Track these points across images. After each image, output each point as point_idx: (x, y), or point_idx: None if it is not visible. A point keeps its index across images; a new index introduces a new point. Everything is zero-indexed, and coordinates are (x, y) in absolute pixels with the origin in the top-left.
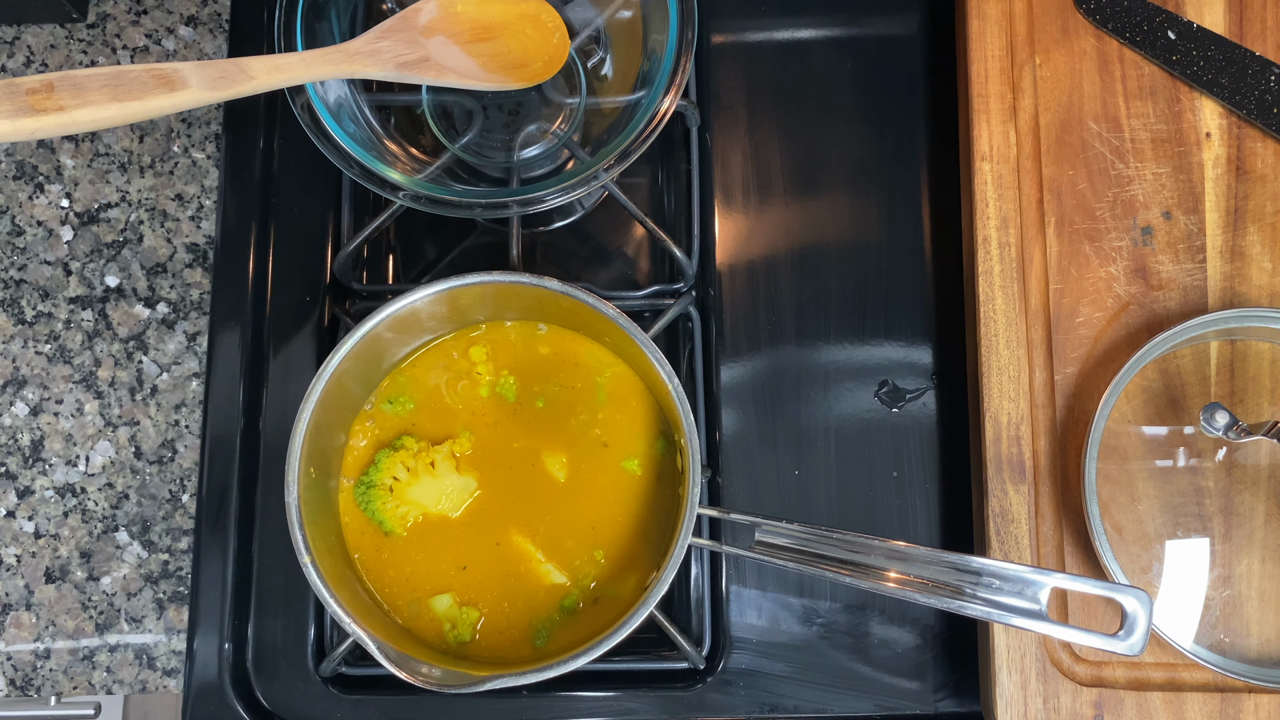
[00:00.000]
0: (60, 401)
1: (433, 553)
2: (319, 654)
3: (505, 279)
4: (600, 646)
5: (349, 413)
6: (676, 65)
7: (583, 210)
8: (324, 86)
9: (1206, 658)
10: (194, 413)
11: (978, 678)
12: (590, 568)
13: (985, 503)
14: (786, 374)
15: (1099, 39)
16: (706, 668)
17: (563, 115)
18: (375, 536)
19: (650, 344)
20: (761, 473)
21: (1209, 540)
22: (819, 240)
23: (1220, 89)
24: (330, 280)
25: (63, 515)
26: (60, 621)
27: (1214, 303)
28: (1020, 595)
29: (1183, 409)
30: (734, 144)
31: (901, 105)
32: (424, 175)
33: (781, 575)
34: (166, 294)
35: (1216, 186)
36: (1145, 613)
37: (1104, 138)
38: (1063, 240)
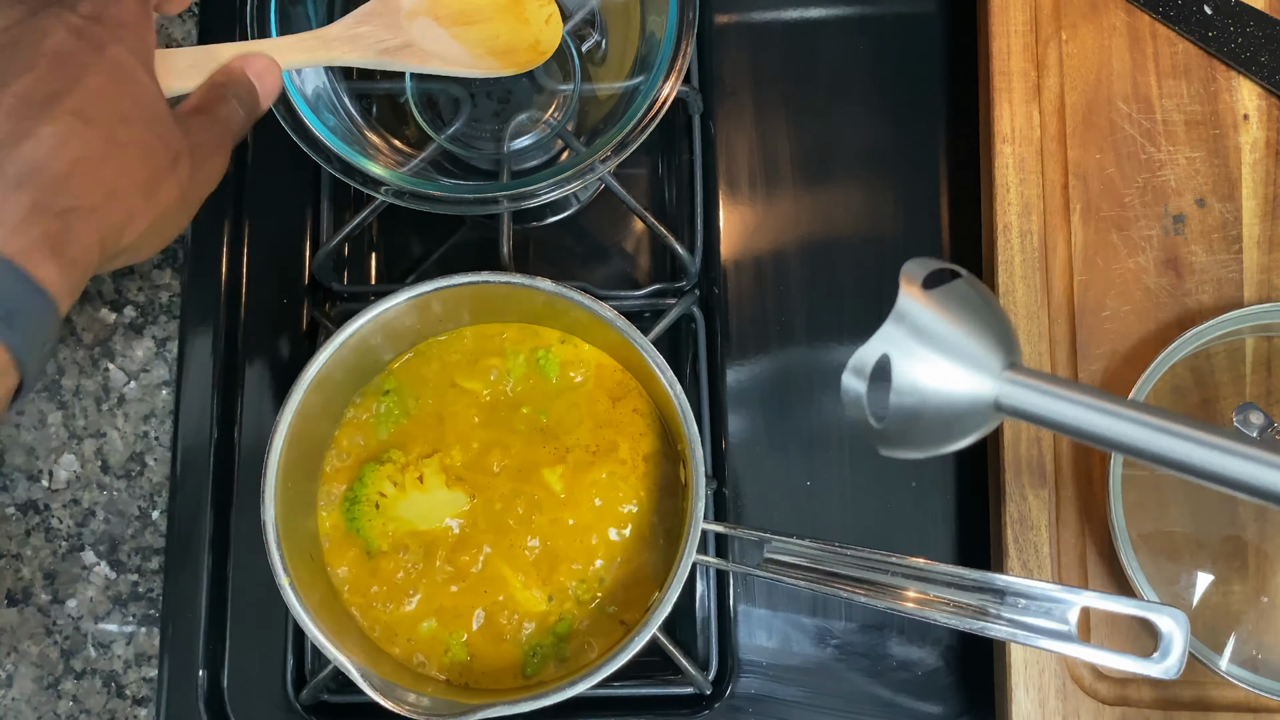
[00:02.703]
0: (21, 412)
1: (421, 572)
2: (300, 681)
3: (495, 279)
4: (600, 672)
5: (331, 423)
6: (677, 48)
7: (578, 204)
8: (301, 76)
9: (1240, 676)
10: (164, 423)
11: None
12: (589, 587)
13: (1003, 508)
14: (797, 377)
15: (1130, 13)
16: (714, 693)
17: (556, 103)
18: (359, 555)
19: (650, 348)
20: (770, 484)
21: (1243, 549)
22: (830, 233)
23: (1259, 68)
24: (309, 281)
25: (25, 534)
26: (23, 647)
27: (1250, 296)
28: (1048, 615)
29: (1215, 409)
30: (739, 132)
31: (918, 88)
32: (408, 169)
33: (793, 593)
34: (134, 297)
35: (1254, 172)
36: (1182, 633)
37: (1134, 119)
38: (1089, 228)
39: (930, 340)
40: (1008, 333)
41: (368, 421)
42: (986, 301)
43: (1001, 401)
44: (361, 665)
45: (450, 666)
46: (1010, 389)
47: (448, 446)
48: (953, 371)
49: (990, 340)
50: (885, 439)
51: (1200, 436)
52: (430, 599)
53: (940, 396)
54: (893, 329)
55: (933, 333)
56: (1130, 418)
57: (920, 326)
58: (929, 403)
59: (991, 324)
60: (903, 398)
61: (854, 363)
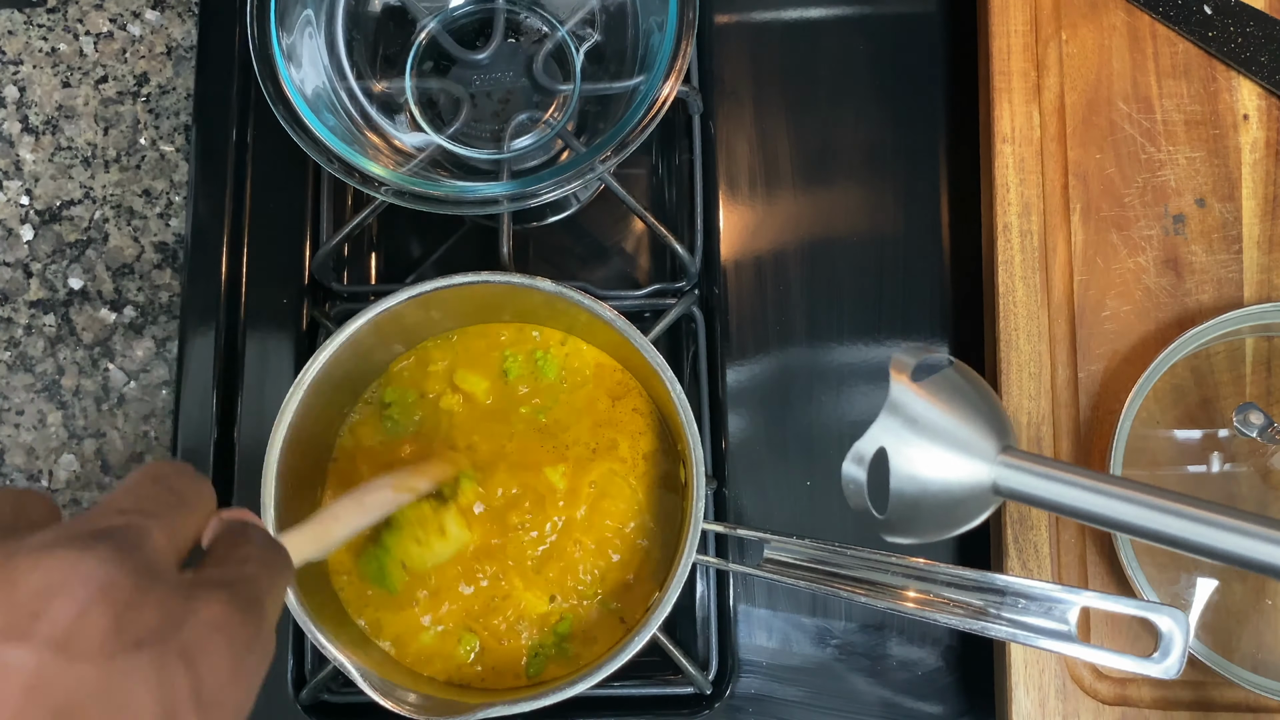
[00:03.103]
0: (21, 413)
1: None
2: (300, 681)
3: (495, 279)
4: (600, 672)
5: (331, 423)
6: (677, 48)
7: (578, 204)
8: (301, 75)
9: (1240, 676)
10: (164, 423)
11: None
12: (590, 587)
13: (1003, 508)
14: (797, 377)
15: (1130, 13)
16: (714, 693)
17: (556, 103)
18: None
19: (650, 348)
20: (771, 484)
21: None
22: (831, 233)
23: (1260, 68)
24: (309, 281)
25: None
26: None
27: (1250, 296)
28: (1048, 615)
29: (1215, 409)
30: (739, 132)
31: (918, 88)
32: (408, 169)
33: (793, 593)
34: (134, 297)
35: (1254, 172)
36: (1182, 633)
37: (1134, 119)
38: (1088, 228)
39: (925, 429)
40: (1000, 416)
41: (369, 422)
42: (977, 387)
43: (999, 485)
44: (361, 665)
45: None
46: (1006, 472)
47: (456, 447)
48: (949, 459)
49: (984, 425)
50: (890, 527)
51: (1193, 513)
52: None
53: (939, 484)
54: (888, 420)
55: (927, 422)
56: (1124, 497)
57: (914, 416)
58: (929, 490)
59: (983, 409)
60: (903, 486)
61: (853, 453)
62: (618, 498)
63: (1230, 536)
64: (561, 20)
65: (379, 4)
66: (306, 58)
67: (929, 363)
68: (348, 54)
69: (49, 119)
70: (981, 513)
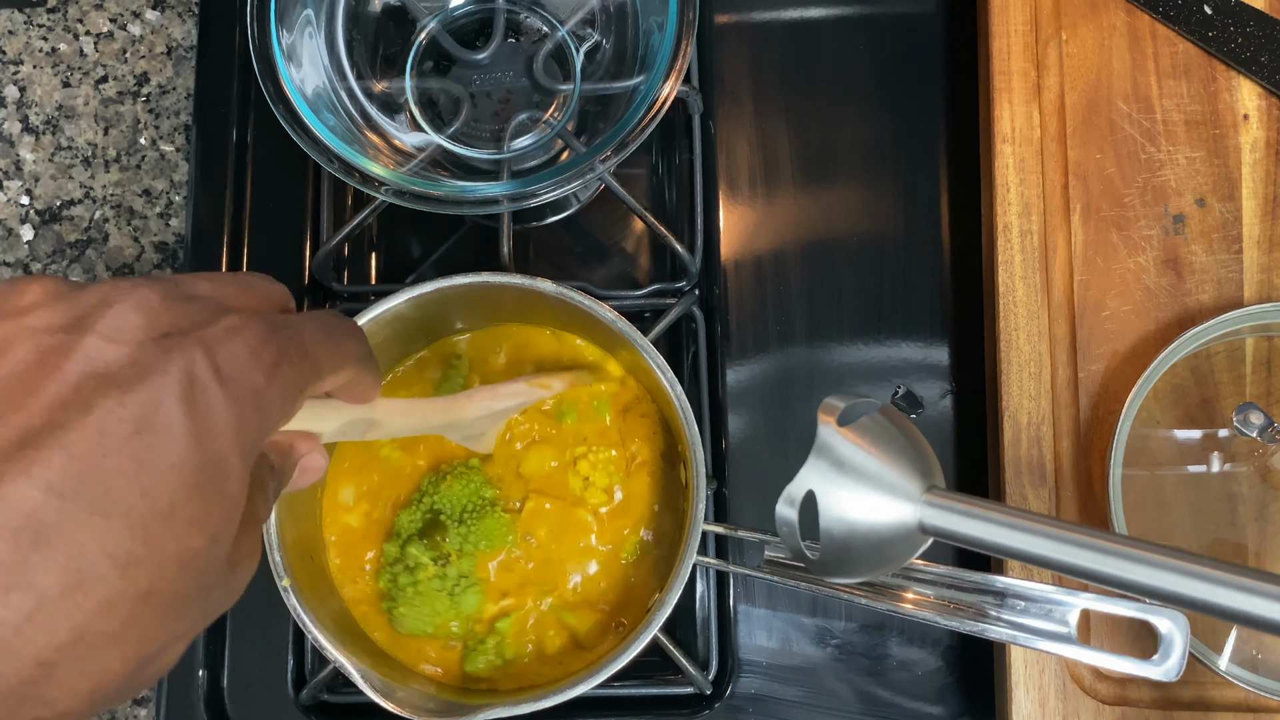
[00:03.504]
0: None
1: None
2: (300, 681)
3: (496, 280)
4: (601, 672)
5: None
6: (677, 48)
7: (578, 204)
8: (301, 75)
9: (1240, 676)
10: None
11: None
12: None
13: None
14: (797, 377)
15: (1130, 13)
16: (714, 693)
17: (556, 103)
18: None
19: (650, 348)
20: (771, 484)
21: (1242, 550)
22: (831, 234)
23: (1260, 68)
24: (309, 281)
25: None
26: None
27: (1250, 296)
28: (1047, 617)
29: (1215, 409)
30: (739, 132)
31: (918, 88)
32: (408, 169)
33: (793, 594)
34: None
35: (1254, 172)
36: (1182, 635)
37: (1134, 119)
38: (1089, 228)
39: (852, 472)
40: (926, 458)
41: None
42: (903, 430)
43: (925, 524)
44: (361, 665)
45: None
46: (930, 511)
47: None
48: (876, 500)
49: (909, 467)
50: (823, 567)
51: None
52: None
53: (867, 525)
54: (816, 462)
55: (854, 464)
56: (1046, 534)
57: (841, 459)
58: (858, 531)
59: (909, 451)
60: (832, 527)
61: (785, 496)
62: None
63: (1152, 571)
64: (561, 20)
65: (379, 4)
66: (306, 58)
67: (858, 407)
68: (348, 54)
69: (49, 119)
70: (912, 552)
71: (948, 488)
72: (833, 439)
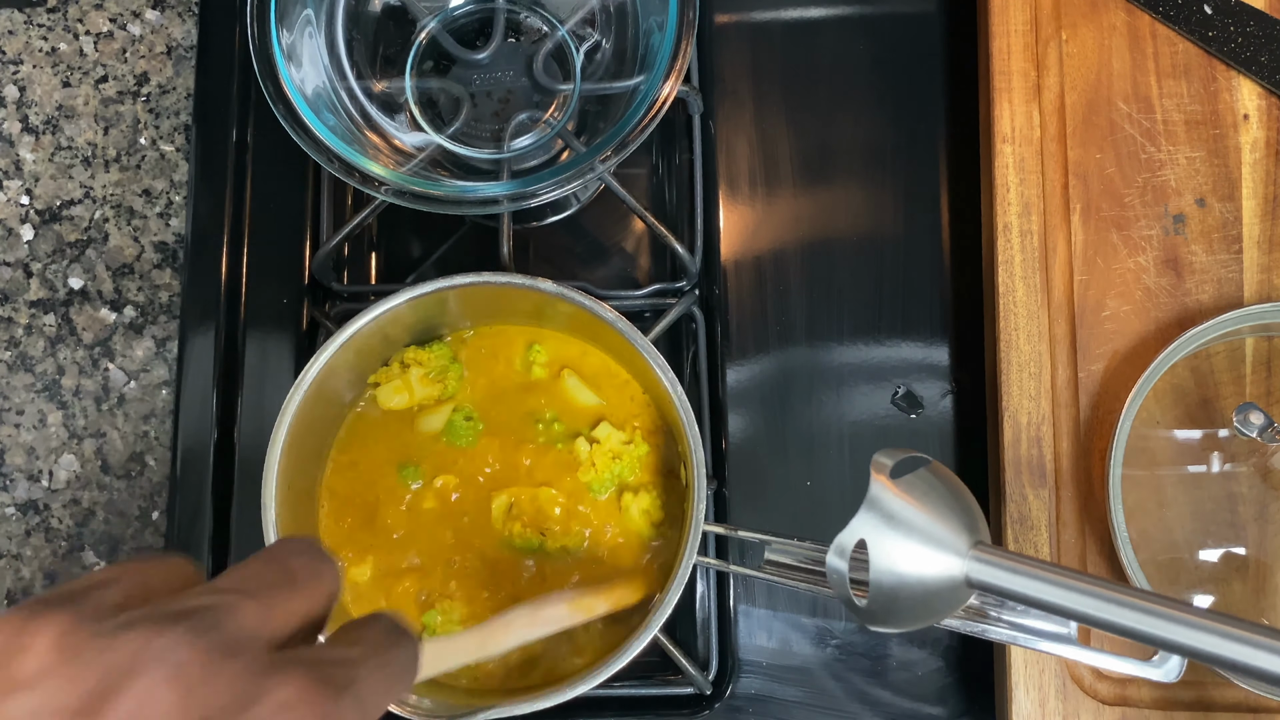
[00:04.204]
0: (21, 412)
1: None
2: None
3: (496, 280)
4: (600, 672)
5: (332, 423)
6: (677, 48)
7: (578, 204)
8: (301, 75)
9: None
10: (164, 423)
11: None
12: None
13: (1003, 508)
14: (797, 378)
15: (1130, 13)
16: (714, 693)
17: (556, 103)
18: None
19: (650, 348)
20: (771, 484)
21: (1242, 550)
22: (831, 234)
23: (1260, 68)
24: (309, 281)
25: (25, 534)
26: None
27: (1250, 296)
28: (1048, 618)
29: (1215, 409)
30: (739, 132)
31: (919, 88)
32: (408, 169)
33: (793, 594)
34: (134, 296)
35: (1254, 172)
36: None
37: (1134, 119)
38: (1089, 228)
39: (901, 525)
40: (972, 513)
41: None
42: (950, 485)
43: (971, 578)
44: None
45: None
46: (978, 566)
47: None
48: (924, 553)
49: (956, 522)
50: (870, 616)
51: (1151, 608)
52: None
53: (915, 577)
54: (867, 515)
55: (903, 518)
56: (1088, 591)
57: (891, 513)
58: (906, 582)
59: (956, 506)
60: (882, 578)
61: (835, 546)
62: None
63: (1192, 633)
64: (561, 20)
65: (379, 4)
66: (306, 57)
67: (907, 463)
68: (348, 54)
69: (49, 119)
70: (958, 605)
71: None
72: (883, 494)
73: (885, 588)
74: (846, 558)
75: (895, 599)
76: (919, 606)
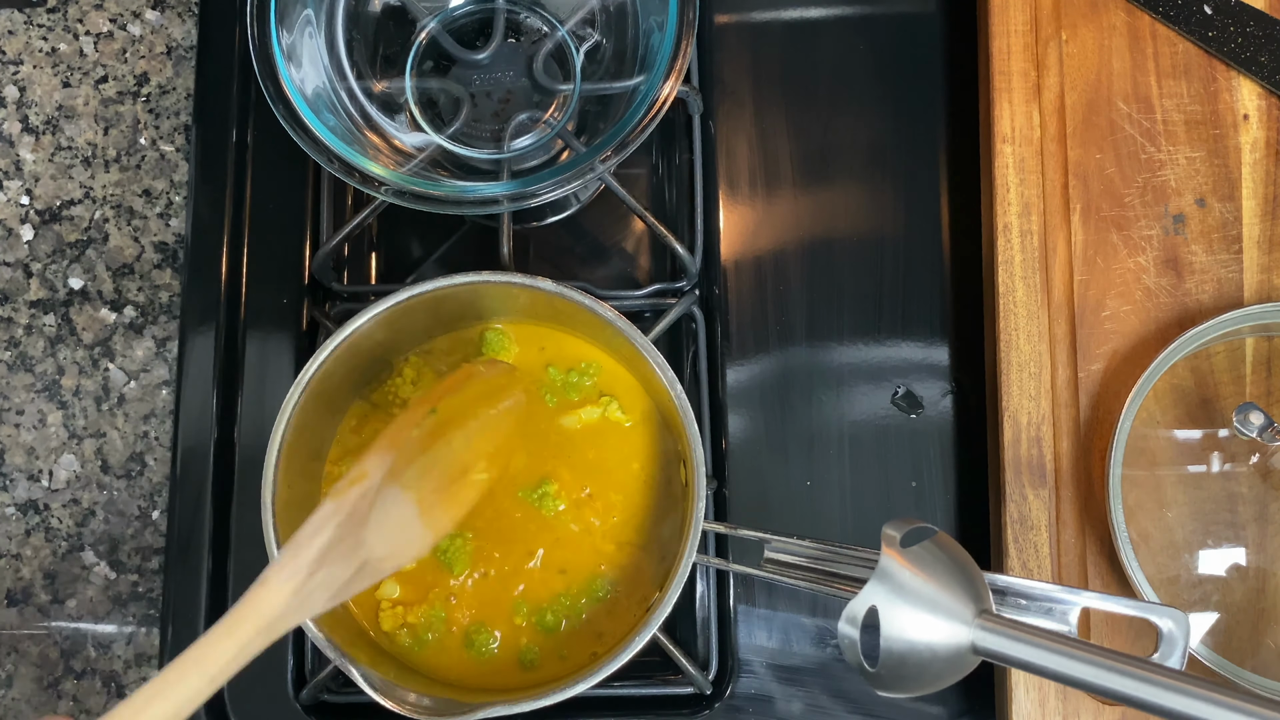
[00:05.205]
0: (21, 412)
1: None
2: (299, 680)
3: (496, 279)
4: (601, 671)
5: (332, 423)
6: (677, 48)
7: (578, 204)
8: (301, 75)
9: (1241, 676)
10: (164, 423)
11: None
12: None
13: (1003, 508)
14: (797, 378)
15: (1130, 13)
16: (714, 693)
17: (556, 103)
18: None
19: (650, 348)
20: (771, 484)
21: (1242, 550)
22: (831, 234)
23: (1260, 68)
24: (309, 281)
25: (24, 534)
26: (23, 647)
27: (1250, 296)
28: (1048, 616)
29: (1215, 409)
30: (739, 132)
31: (919, 89)
32: (408, 169)
33: (793, 593)
34: (134, 297)
35: (1254, 172)
36: (1182, 635)
37: (1134, 119)
38: (1089, 228)
39: (910, 595)
40: (976, 582)
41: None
42: (954, 556)
43: (977, 646)
44: (362, 665)
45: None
46: (983, 634)
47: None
48: (932, 622)
49: (961, 592)
50: (880, 681)
51: (1154, 678)
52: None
53: (924, 644)
54: (877, 586)
55: (912, 589)
56: (1091, 660)
57: (901, 583)
58: (915, 649)
59: (961, 576)
60: (891, 645)
61: (847, 613)
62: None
63: (1201, 705)
64: (561, 20)
65: (379, 4)
66: (306, 57)
67: (914, 534)
68: (348, 54)
69: (49, 119)
70: (963, 671)
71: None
72: (893, 565)
73: (895, 654)
74: (858, 625)
75: (904, 664)
76: (926, 673)
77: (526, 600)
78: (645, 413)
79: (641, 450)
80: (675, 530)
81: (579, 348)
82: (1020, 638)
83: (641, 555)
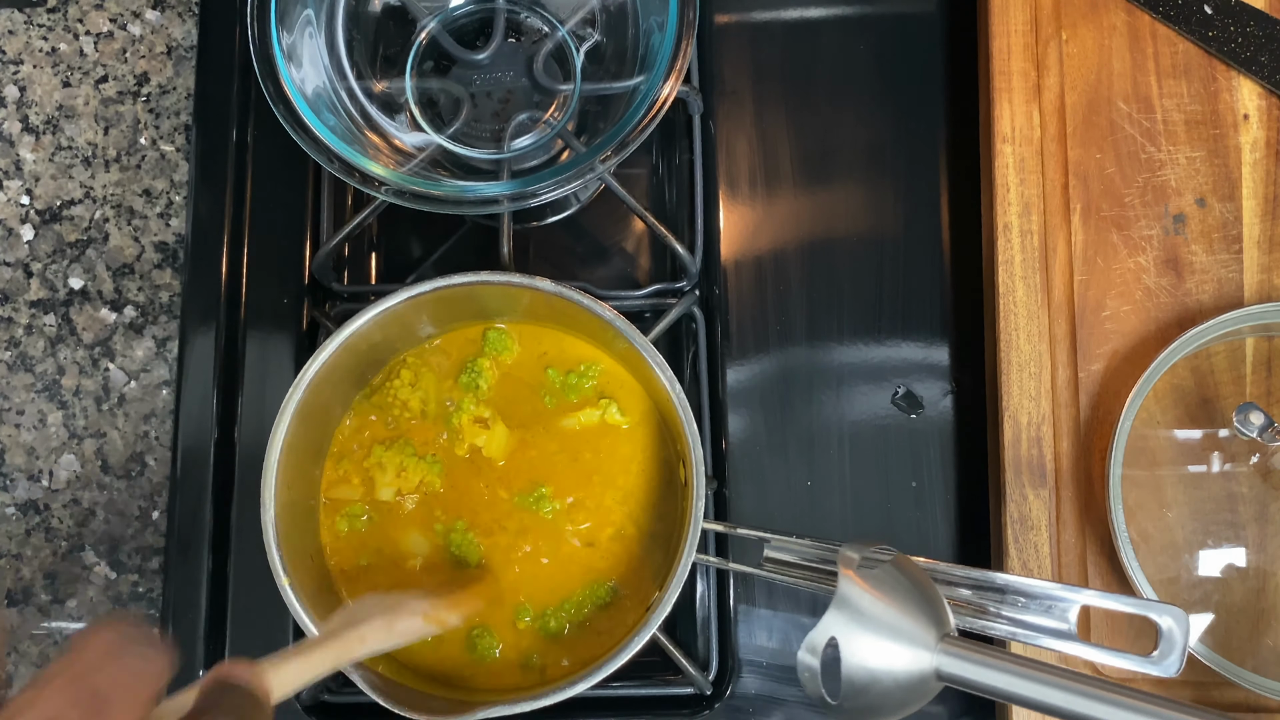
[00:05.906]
0: (21, 412)
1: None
2: None
3: (495, 279)
4: (600, 672)
5: (331, 422)
6: (677, 48)
7: (578, 204)
8: (301, 75)
9: (1241, 675)
10: (164, 423)
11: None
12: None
13: (1003, 508)
14: (797, 378)
15: (1130, 13)
16: (714, 693)
17: (556, 103)
18: (359, 554)
19: (650, 348)
20: (771, 484)
21: (1242, 550)
22: (831, 234)
23: (1260, 68)
24: (309, 281)
25: (25, 534)
26: (23, 647)
27: (1250, 296)
28: (1048, 614)
29: (1215, 409)
30: (739, 132)
31: (919, 89)
32: (408, 169)
33: (793, 593)
34: (134, 296)
35: (1254, 172)
36: (1182, 632)
37: (1134, 119)
38: (1089, 228)
39: (870, 622)
40: (939, 607)
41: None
42: (915, 580)
43: (940, 671)
44: (361, 665)
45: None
46: (946, 660)
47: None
48: (894, 649)
49: (923, 616)
50: (843, 713)
51: (1124, 701)
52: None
53: (886, 671)
54: (836, 614)
55: (872, 614)
56: (1056, 684)
57: (860, 610)
58: (878, 678)
59: (921, 601)
60: (854, 674)
61: (807, 644)
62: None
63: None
64: (562, 20)
65: (379, 4)
66: (307, 57)
67: (872, 558)
68: (348, 54)
69: (49, 119)
70: (927, 697)
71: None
72: (852, 590)
73: (857, 683)
74: (818, 655)
75: (867, 694)
76: (890, 701)
77: (530, 603)
78: (644, 414)
79: (641, 451)
80: (675, 530)
81: (579, 348)
82: (985, 661)
83: (641, 556)
